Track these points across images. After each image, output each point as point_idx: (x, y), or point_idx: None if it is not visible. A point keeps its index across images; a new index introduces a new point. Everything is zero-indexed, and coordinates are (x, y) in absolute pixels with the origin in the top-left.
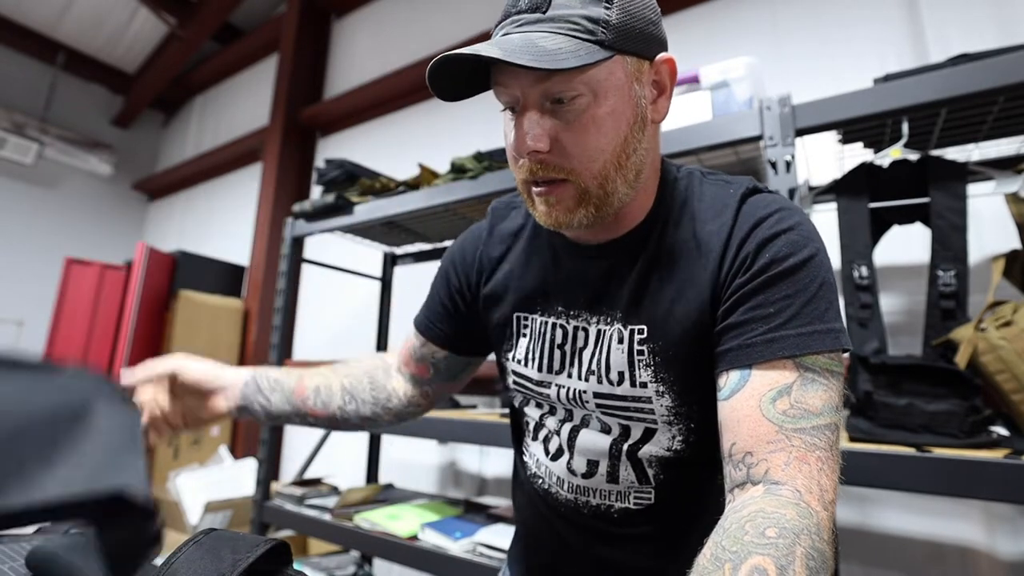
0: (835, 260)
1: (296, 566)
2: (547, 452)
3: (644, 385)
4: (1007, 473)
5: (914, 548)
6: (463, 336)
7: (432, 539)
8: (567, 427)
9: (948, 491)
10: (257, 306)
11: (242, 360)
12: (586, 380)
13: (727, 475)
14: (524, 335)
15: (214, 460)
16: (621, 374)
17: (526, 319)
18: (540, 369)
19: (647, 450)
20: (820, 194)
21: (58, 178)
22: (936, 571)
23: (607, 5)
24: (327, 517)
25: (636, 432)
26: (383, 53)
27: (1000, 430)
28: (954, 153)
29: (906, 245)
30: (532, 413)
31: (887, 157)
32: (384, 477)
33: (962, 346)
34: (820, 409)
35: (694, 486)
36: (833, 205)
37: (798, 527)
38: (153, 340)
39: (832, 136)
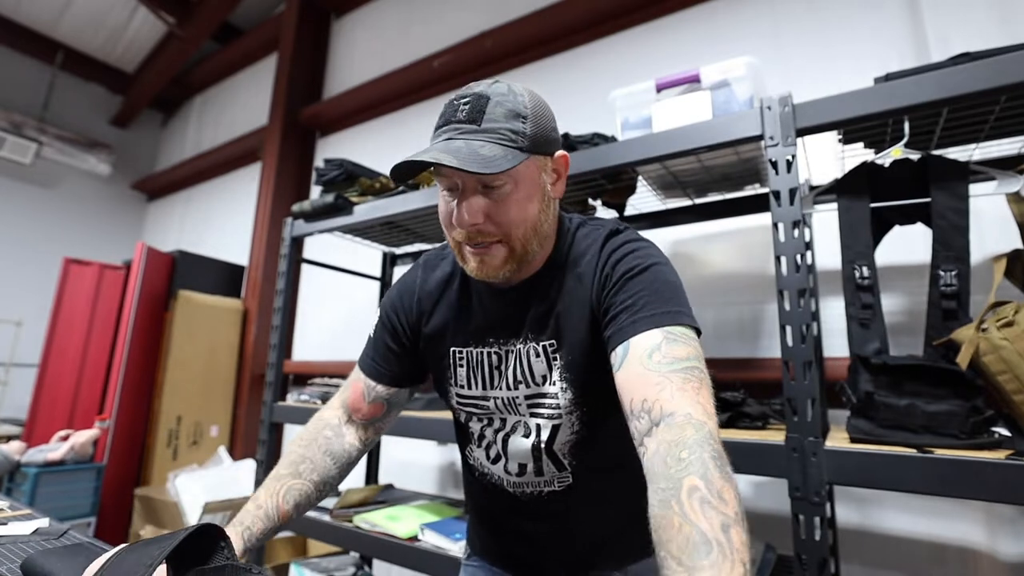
0: (836, 260)
1: (296, 567)
2: (488, 457)
3: (554, 383)
4: (1008, 474)
5: (915, 549)
6: (409, 372)
7: (432, 540)
8: (501, 435)
9: (949, 492)
10: (256, 306)
11: (241, 360)
12: (516, 388)
13: (633, 431)
14: (461, 365)
15: (213, 461)
16: (544, 377)
17: (461, 352)
18: (480, 387)
19: (559, 440)
20: (821, 194)
21: (57, 178)
22: (937, 572)
23: (523, 121)
24: (327, 518)
25: (545, 431)
26: (382, 53)
27: (1002, 431)
28: (955, 153)
29: (907, 245)
30: (475, 426)
31: (888, 157)
32: (384, 478)
33: (963, 346)
34: (686, 356)
35: (598, 463)
36: (834, 205)
37: (699, 439)
38: (152, 340)
39: (833, 136)
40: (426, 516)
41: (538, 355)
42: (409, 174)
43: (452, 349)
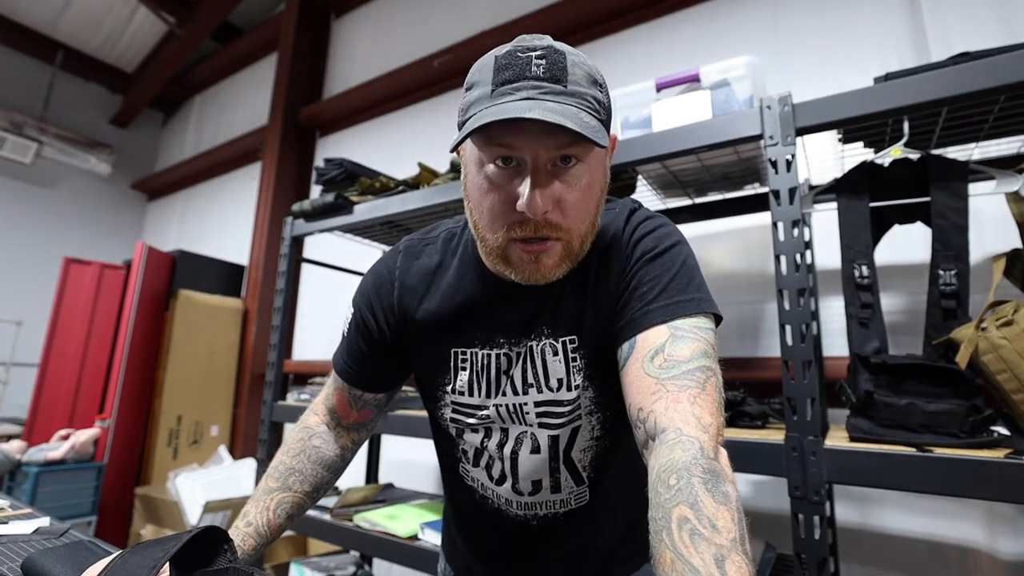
0: (836, 259)
1: (296, 566)
2: (491, 477)
3: (577, 387)
4: (1008, 473)
5: (915, 548)
6: (393, 374)
7: (432, 539)
8: (507, 450)
9: (949, 491)
10: (256, 306)
11: (241, 360)
12: (525, 393)
13: (637, 439)
14: (464, 368)
15: (213, 460)
16: (560, 381)
17: (464, 353)
18: (482, 394)
19: (577, 446)
20: (820, 193)
21: (57, 177)
22: (937, 571)
23: (601, 89)
24: (327, 517)
25: (564, 437)
26: (382, 52)
27: (1001, 430)
28: (955, 152)
29: (907, 244)
30: (472, 439)
31: (888, 156)
32: (384, 477)
33: (963, 346)
34: (688, 357)
35: (617, 476)
36: (834, 205)
37: (687, 462)
38: (152, 340)
39: (832, 135)
40: (426, 515)
41: (556, 353)
42: (470, 138)
43: (454, 350)
